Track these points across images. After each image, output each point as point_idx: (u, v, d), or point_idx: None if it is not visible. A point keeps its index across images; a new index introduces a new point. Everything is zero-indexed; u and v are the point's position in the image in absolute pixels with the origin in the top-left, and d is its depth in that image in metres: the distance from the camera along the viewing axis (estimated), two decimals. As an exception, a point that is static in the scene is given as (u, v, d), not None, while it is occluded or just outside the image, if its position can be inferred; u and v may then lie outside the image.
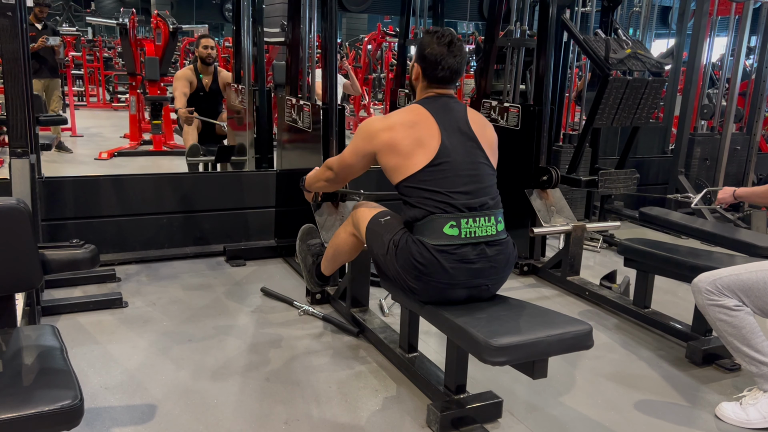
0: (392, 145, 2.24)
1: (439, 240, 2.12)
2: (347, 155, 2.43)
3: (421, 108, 2.28)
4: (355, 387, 2.52)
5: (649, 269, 3.16)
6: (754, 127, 5.19)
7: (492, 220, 2.20)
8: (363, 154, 2.35)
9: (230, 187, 4.12)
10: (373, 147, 2.29)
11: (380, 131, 2.27)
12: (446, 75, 2.29)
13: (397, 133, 2.23)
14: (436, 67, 2.26)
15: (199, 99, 5.37)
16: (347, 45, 13.83)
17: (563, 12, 4.07)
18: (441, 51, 2.25)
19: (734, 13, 5.26)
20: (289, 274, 3.76)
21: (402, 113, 2.32)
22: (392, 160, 2.24)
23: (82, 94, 12.38)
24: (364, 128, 2.36)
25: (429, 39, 2.28)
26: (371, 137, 2.30)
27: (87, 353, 2.69)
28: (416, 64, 2.33)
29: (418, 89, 2.39)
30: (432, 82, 2.31)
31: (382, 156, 2.28)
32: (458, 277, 2.13)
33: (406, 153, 2.22)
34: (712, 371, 2.78)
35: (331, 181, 2.60)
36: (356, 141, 2.38)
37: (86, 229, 3.68)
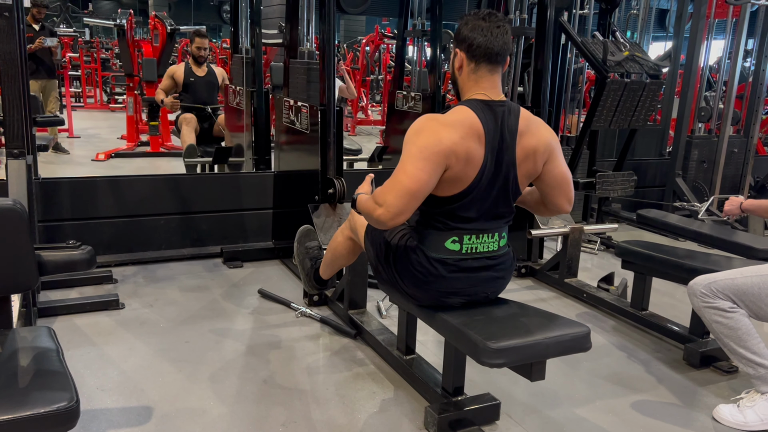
0: (454, 151, 1.88)
1: (438, 253, 2.06)
2: (412, 169, 1.85)
3: (474, 118, 1.94)
4: (352, 389, 2.51)
5: (646, 271, 3.16)
6: (752, 129, 5.20)
7: (496, 236, 2.10)
8: (436, 151, 1.86)
9: (228, 188, 4.11)
10: (448, 142, 1.86)
11: (442, 126, 1.89)
12: (494, 47, 1.95)
13: (456, 137, 1.89)
14: (481, 41, 1.95)
15: (191, 85, 5.49)
16: (345, 47, 13.84)
17: (561, 14, 4.07)
18: (481, 24, 1.96)
19: (731, 16, 5.27)
20: (286, 276, 3.75)
21: (457, 119, 1.93)
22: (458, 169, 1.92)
23: (80, 95, 12.36)
24: (423, 123, 1.94)
25: (465, 19, 2.01)
26: (437, 130, 1.88)
27: (83, 355, 2.68)
28: (456, 50, 2.02)
29: (464, 81, 2.04)
30: (480, 61, 1.97)
31: (454, 160, 1.89)
32: (457, 286, 2.10)
33: (456, 168, 1.91)
34: (709, 373, 2.78)
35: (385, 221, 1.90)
36: (417, 142, 1.88)
37: (83, 230, 3.67)
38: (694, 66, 5.10)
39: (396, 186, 1.88)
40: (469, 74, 2.02)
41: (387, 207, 1.88)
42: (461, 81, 2.05)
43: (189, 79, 5.53)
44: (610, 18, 4.01)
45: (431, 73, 5.08)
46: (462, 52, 2.01)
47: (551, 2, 3.75)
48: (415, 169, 1.86)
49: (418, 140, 1.89)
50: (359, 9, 15.57)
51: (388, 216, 1.88)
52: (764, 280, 2.34)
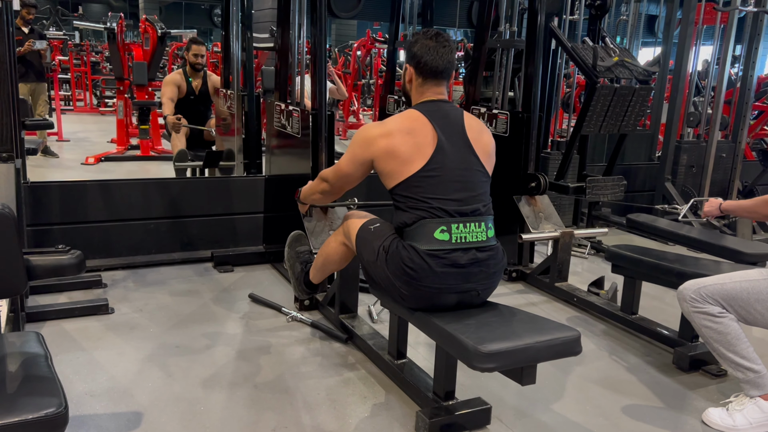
0: (390, 152, 2.22)
1: (429, 245, 2.13)
2: (344, 164, 2.38)
3: (418, 113, 2.27)
4: (343, 394, 2.51)
5: (636, 275, 3.18)
6: (739, 134, 5.24)
7: (482, 226, 2.21)
8: (361, 161, 2.31)
9: (218, 192, 4.10)
10: (371, 154, 2.27)
11: (378, 137, 2.25)
12: (439, 65, 2.27)
13: (395, 139, 2.22)
14: (428, 60, 2.25)
15: (189, 103, 5.36)
16: (336, 51, 13.85)
17: (551, 20, 4.10)
18: (429, 44, 2.26)
19: (719, 22, 5.32)
20: (277, 280, 3.74)
21: (399, 119, 2.29)
22: (389, 166, 2.24)
23: (69, 98, 12.29)
24: (361, 135, 2.33)
25: (415, 38, 2.32)
26: (369, 144, 2.27)
27: (72, 360, 2.66)
28: (407, 65, 2.33)
29: (412, 93, 2.37)
30: (426, 77, 2.29)
31: (380, 162, 2.25)
32: (448, 281, 2.13)
33: (403, 159, 2.20)
34: (698, 377, 2.80)
35: (326, 193, 2.55)
36: (353, 149, 2.34)
37: (72, 234, 3.65)
38: (682, 72, 5.14)
39: (335, 170, 2.46)
40: (417, 87, 2.34)
41: (330, 182, 2.49)
42: (411, 91, 2.37)
43: (189, 97, 5.37)
44: (600, 24, 4.04)
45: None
46: (411, 68, 2.32)
47: (541, 8, 3.78)
48: (346, 165, 2.38)
49: (352, 148, 2.34)
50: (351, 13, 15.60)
51: (328, 187, 2.50)
52: (753, 285, 2.36)
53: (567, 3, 4.62)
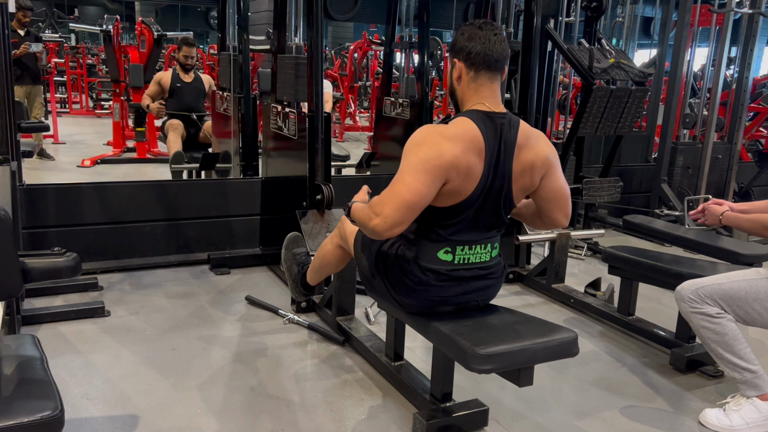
0: (455, 165, 1.86)
1: (430, 263, 2.05)
2: (412, 181, 1.82)
3: (476, 131, 1.91)
4: (340, 396, 2.50)
5: (633, 277, 3.18)
6: (735, 136, 5.26)
7: (488, 247, 2.10)
8: (437, 165, 1.83)
9: (215, 194, 4.09)
10: (450, 155, 1.84)
11: (445, 139, 1.87)
12: (494, 52, 1.94)
13: (458, 151, 1.87)
14: (479, 49, 1.94)
15: (177, 91, 5.48)
16: (333, 53, 13.85)
17: (547, 22, 4.10)
18: (478, 33, 1.96)
19: (715, 24, 5.34)
20: (274, 283, 3.73)
21: (457, 129, 1.91)
22: (454, 183, 1.90)
23: (65, 101, 12.25)
24: (424, 134, 1.91)
25: (461, 30, 2.01)
26: (438, 142, 1.85)
27: (68, 363, 2.65)
28: (455, 60, 2.01)
29: (463, 90, 2.02)
30: (479, 69, 1.95)
31: (453, 172, 1.87)
32: (448, 294, 2.10)
33: (456, 182, 1.89)
34: (695, 378, 2.80)
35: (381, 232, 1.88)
36: (418, 153, 1.85)
37: (68, 237, 3.64)
38: (678, 73, 5.15)
39: (394, 197, 1.85)
40: (468, 83, 2.00)
41: (384, 218, 1.85)
42: (461, 91, 2.03)
43: (176, 85, 5.53)
44: (596, 25, 4.04)
45: (419, 79, 5.10)
46: (461, 62, 1.99)
47: (538, 10, 3.78)
48: (414, 181, 1.83)
49: (419, 152, 1.86)
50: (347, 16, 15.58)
51: (384, 227, 1.86)
52: (750, 285, 2.36)
53: (563, 5, 4.63)
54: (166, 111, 5.46)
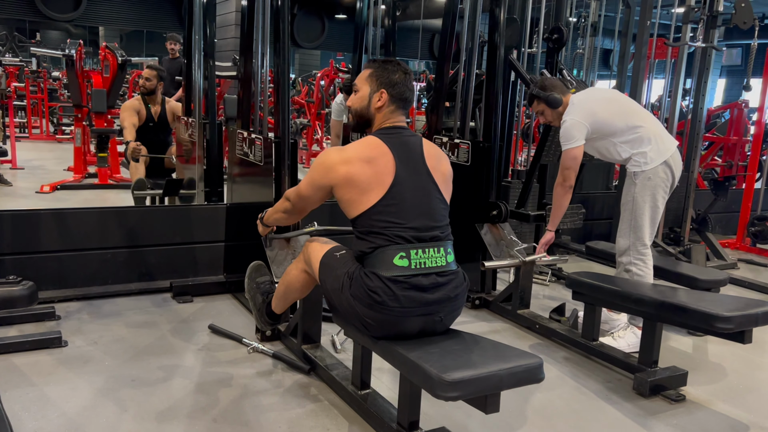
0: (349, 179, 2.25)
1: (390, 271, 2.14)
2: (304, 187, 2.44)
3: (378, 140, 2.31)
4: (306, 426, 2.46)
5: (596, 302, 3.22)
6: (692, 164, 5.41)
7: (441, 251, 2.23)
8: (319, 186, 2.36)
9: (178, 221, 4.03)
10: (329, 180, 2.30)
11: (337, 164, 2.27)
12: (409, 96, 2.41)
13: (354, 167, 2.24)
14: (403, 89, 2.37)
15: (148, 130, 5.30)
16: (300, 80, 13.90)
17: (510, 52, 4.20)
18: (405, 77, 2.39)
19: (670, 56, 5.55)
20: (238, 311, 3.68)
21: (359, 146, 2.32)
22: (347, 194, 2.26)
23: (25, 125, 12.01)
24: (321, 161, 2.36)
25: (392, 66, 2.40)
26: (328, 170, 2.30)
27: (22, 396, 2.55)
28: (383, 90, 2.38)
29: (377, 117, 2.41)
30: (399, 105, 2.38)
31: (339, 189, 2.29)
32: (411, 304, 2.13)
33: (362, 188, 2.23)
34: (658, 402, 2.84)
35: (288, 212, 2.61)
36: (313, 173, 2.37)
37: (24, 264, 3.53)
38: (636, 103, 5.30)
39: (295, 190, 2.52)
40: (386, 113, 2.39)
41: (290, 197, 2.54)
42: (376, 116, 2.41)
43: (148, 124, 5.32)
44: (557, 56, 4.15)
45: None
46: (388, 94, 2.37)
47: (501, 41, 3.87)
48: (306, 188, 2.44)
49: (311, 172, 2.38)
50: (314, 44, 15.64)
51: (289, 206, 2.56)
52: None
53: (525, 36, 4.75)
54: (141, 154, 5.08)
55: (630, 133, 3.31)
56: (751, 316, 2.65)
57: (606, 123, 3.33)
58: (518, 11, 4.64)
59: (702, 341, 3.58)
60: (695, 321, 2.73)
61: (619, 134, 3.33)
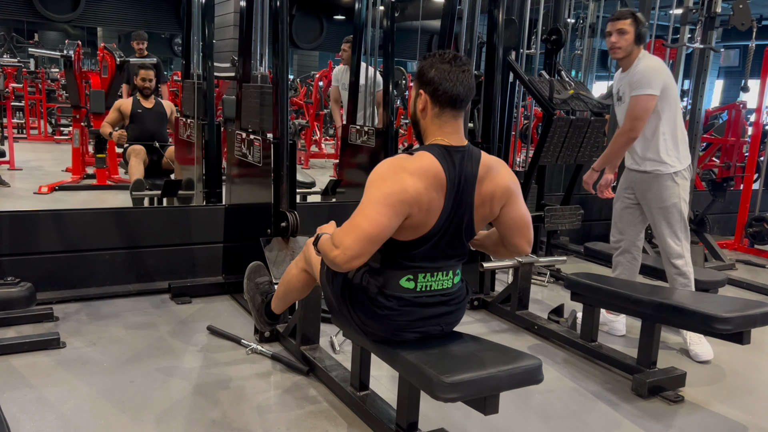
0: (418, 199, 1.88)
1: (393, 291, 2.07)
2: (374, 214, 1.83)
3: (438, 167, 1.93)
4: (305, 427, 2.45)
5: (594, 303, 3.22)
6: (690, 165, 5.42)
7: (450, 273, 2.13)
8: (401, 200, 1.84)
9: (176, 222, 4.02)
10: (414, 189, 1.85)
11: (408, 175, 1.87)
12: (460, 92, 1.95)
13: (421, 187, 1.88)
14: (447, 86, 1.94)
15: (138, 116, 5.37)
16: (299, 81, 13.90)
17: (509, 54, 4.20)
18: (446, 68, 1.95)
19: (668, 58, 5.55)
20: (236, 312, 3.67)
21: (419, 164, 1.91)
22: (418, 216, 1.92)
23: (23, 126, 11.99)
24: (386, 169, 1.90)
25: (429, 60, 1.99)
26: (403, 178, 1.85)
27: (19, 397, 2.54)
28: (421, 91, 2.00)
29: (426, 124, 2.03)
30: (444, 106, 1.97)
31: (415, 206, 1.89)
32: (412, 319, 2.10)
33: (418, 217, 1.91)
34: (657, 403, 2.84)
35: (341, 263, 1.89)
36: (381, 187, 1.85)
37: (23, 266, 3.52)
38: (635, 104, 5.30)
39: (355, 229, 1.86)
40: (432, 118, 2.00)
41: (344, 249, 1.86)
42: (424, 124, 2.03)
43: (136, 111, 5.44)
44: (556, 58, 4.15)
45: (384, 108, 5.15)
46: (426, 95, 1.99)
47: (500, 42, 3.87)
48: (376, 213, 1.84)
49: (383, 185, 1.86)
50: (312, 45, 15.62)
51: (344, 258, 1.86)
52: None
53: (524, 37, 4.75)
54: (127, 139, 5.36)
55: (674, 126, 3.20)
56: (749, 317, 2.66)
57: (669, 100, 3.07)
58: (517, 12, 4.65)
59: (700, 342, 3.58)
60: (694, 322, 2.73)
61: (668, 124, 3.15)
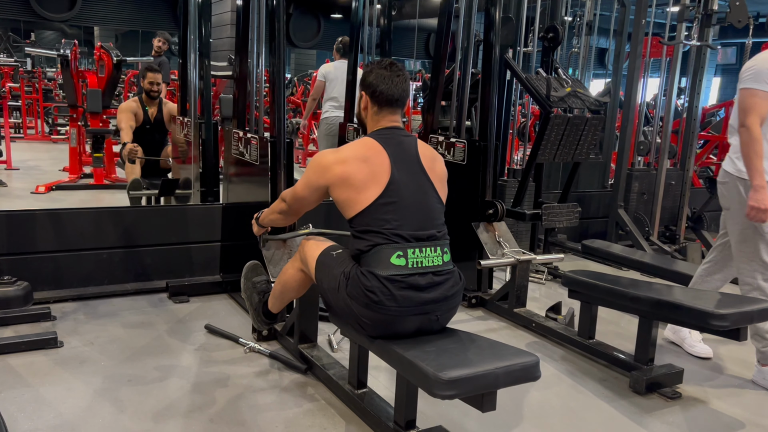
0: (345, 179, 2.25)
1: (387, 270, 2.14)
2: (300, 188, 2.43)
3: (373, 141, 2.31)
4: (303, 425, 2.46)
5: (592, 300, 3.23)
6: (687, 163, 5.44)
7: (438, 250, 2.24)
8: (315, 187, 2.36)
9: (174, 221, 4.02)
10: (326, 180, 2.31)
11: (333, 164, 2.28)
12: (394, 94, 2.34)
13: (349, 167, 2.25)
14: (383, 89, 2.32)
15: (145, 132, 5.30)
16: (296, 80, 13.89)
17: (506, 52, 4.21)
18: (383, 73, 2.34)
19: (665, 55, 5.56)
20: (234, 311, 3.67)
21: (354, 147, 2.33)
22: (344, 194, 2.26)
23: (20, 126, 11.96)
24: (316, 161, 2.37)
25: (369, 67, 2.39)
26: (324, 170, 2.31)
27: (17, 397, 2.54)
28: (362, 93, 2.39)
29: (367, 121, 2.42)
30: (381, 106, 2.35)
31: (335, 189, 2.29)
32: (408, 303, 2.13)
33: (358, 187, 2.24)
34: (655, 400, 2.84)
35: (284, 213, 2.60)
36: (309, 174, 2.38)
37: (20, 265, 3.51)
38: (632, 102, 5.32)
39: (291, 191, 2.51)
40: (372, 116, 2.39)
41: (285, 198, 2.53)
42: (366, 119, 2.42)
43: (145, 126, 5.31)
44: (553, 55, 4.16)
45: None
46: (367, 96, 2.37)
47: (496, 40, 3.87)
48: (302, 189, 2.43)
49: (307, 173, 2.38)
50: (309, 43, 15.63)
51: (285, 207, 2.55)
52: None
53: (521, 35, 4.75)
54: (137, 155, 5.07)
55: None
56: (746, 314, 2.66)
57: None
58: (514, 10, 4.65)
59: (698, 339, 3.59)
60: (691, 319, 2.74)
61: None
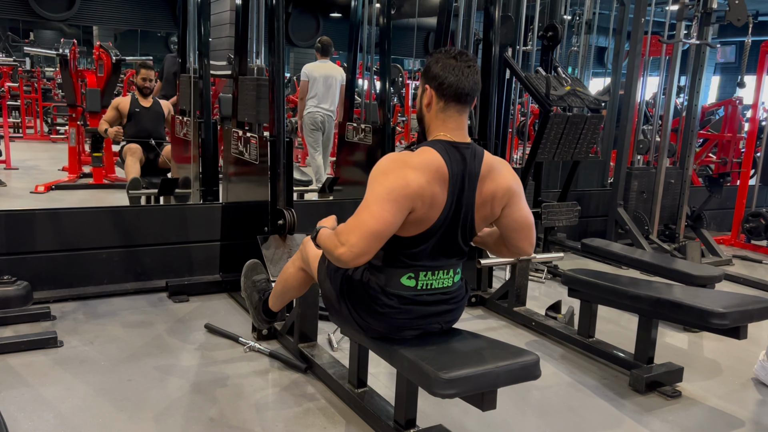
0: (421, 193, 1.87)
1: (394, 288, 2.07)
2: (378, 210, 1.83)
3: (439, 158, 1.93)
4: (303, 425, 2.46)
5: (592, 299, 3.23)
6: (686, 161, 5.44)
7: (450, 272, 2.13)
8: (404, 194, 1.84)
9: (173, 220, 4.02)
10: (413, 184, 1.85)
11: (410, 169, 1.87)
12: (465, 86, 1.96)
13: (423, 181, 1.88)
14: (452, 81, 1.95)
15: (136, 116, 5.39)
16: (295, 79, 13.88)
17: (505, 50, 4.20)
18: (451, 63, 1.97)
19: (665, 54, 5.55)
20: (234, 310, 3.67)
21: (421, 159, 1.91)
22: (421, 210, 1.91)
23: (19, 125, 11.95)
24: (387, 164, 1.90)
25: (435, 56, 2.01)
26: (405, 173, 1.85)
27: (17, 396, 2.54)
28: (426, 86, 2.01)
29: (431, 118, 2.04)
30: (449, 101, 1.98)
31: (419, 200, 1.88)
32: (412, 317, 2.10)
33: (421, 211, 1.91)
34: (655, 398, 2.84)
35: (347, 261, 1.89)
36: (384, 183, 1.85)
37: (19, 265, 3.51)
38: (631, 101, 5.32)
39: (360, 226, 1.85)
40: (437, 113, 2.01)
41: (350, 247, 1.85)
42: (428, 118, 2.04)
43: (134, 110, 5.46)
44: (552, 54, 4.16)
45: (381, 106, 5.14)
46: (432, 90, 2.00)
47: (496, 39, 3.87)
48: (381, 210, 1.84)
49: (385, 181, 1.86)
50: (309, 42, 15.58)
51: (350, 256, 1.85)
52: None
53: (520, 34, 4.75)
54: (124, 136, 5.38)
55: None
56: (746, 312, 2.66)
57: None
58: (513, 9, 4.65)
59: (697, 337, 3.60)
60: (691, 317, 2.74)
61: None
